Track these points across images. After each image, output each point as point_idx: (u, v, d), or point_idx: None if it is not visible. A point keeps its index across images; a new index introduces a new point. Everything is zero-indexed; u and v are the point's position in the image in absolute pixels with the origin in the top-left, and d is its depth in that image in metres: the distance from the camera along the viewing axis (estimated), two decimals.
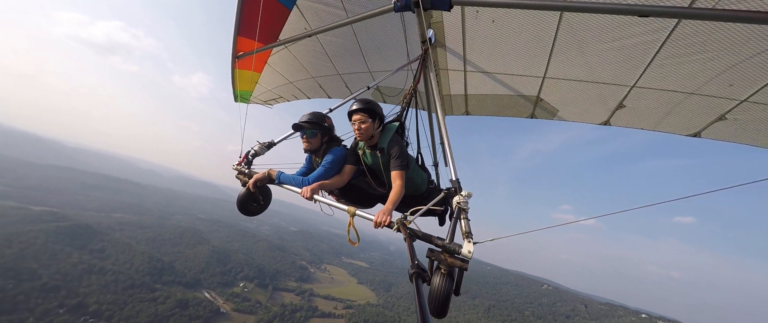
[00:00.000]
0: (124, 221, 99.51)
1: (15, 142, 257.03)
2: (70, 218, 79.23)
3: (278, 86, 6.46)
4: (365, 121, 2.95)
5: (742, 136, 3.32)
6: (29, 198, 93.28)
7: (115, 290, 59.40)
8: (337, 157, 3.22)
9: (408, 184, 3.00)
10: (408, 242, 2.02)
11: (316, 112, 3.36)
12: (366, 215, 2.46)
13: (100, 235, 76.59)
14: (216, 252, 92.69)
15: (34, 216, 73.79)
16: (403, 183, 2.82)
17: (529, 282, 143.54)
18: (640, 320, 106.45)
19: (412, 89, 3.70)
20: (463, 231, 2.04)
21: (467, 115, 5.36)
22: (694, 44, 2.61)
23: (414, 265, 1.68)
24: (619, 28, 2.77)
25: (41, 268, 55.46)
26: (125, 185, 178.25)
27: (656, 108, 3.52)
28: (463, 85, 4.62)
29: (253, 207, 3.38)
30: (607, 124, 4.12)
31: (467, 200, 2.29)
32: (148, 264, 72.38)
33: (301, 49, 5.13)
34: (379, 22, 3.91)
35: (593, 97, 3.77)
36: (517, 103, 4.49)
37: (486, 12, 3.22)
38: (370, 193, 3.66)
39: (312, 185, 2.83)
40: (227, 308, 72.49)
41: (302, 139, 3.38)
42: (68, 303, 51.64)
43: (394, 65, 4.28)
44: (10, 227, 63.49)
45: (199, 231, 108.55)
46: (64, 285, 54.60)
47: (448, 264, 1.91)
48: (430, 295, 1.91)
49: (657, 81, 3.15)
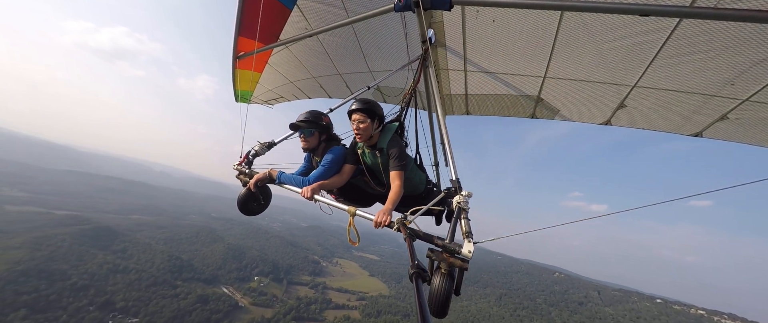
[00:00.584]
0: (142, 222, 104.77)
1: (32, 150, 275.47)
2: (91, 221, 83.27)
3: (279, 86, 6.46)
4: (364, 121, 2.95)
5: (744, 135, 3.31)
6: (52, 203, 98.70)
7: (139, 287, 62.40)
8: (336, 156, 3.22)
9: (406, 184, 3.00)
10: (408, 242, 2.02)
11: (313, 111, 3.36)
12: (366, 215, 2.46)
13: (121, 236, 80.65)
14: (231, 250, 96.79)
15: (58, 220, 78.82)
16: (402, 183, 2.83)
17: (540, 270, 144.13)
18: (654, 305, 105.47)
19: (412, 89, 3.70)
20: (463, 231, 2.04)
21: (467, 114, 5.35)
22: (695, 44, 2.60)
23: (414, 265, 1.68)
24: (619, 28, 2.77)
25: (70, 269, 59.03)
26: (139, 187, 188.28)
27: (657, 108, 3.51)
28: (463, 84, 4.61)
29: (254, 206, 3.38)
30: (608, 123, 4.10)
31: (467, 200, 2.28)
32: (168, 262, 76.04)
33: (301, 49, 5.13)
34: (380, 22, 3.91)
35: (594, 96, 3.76)
36: (517, 102, 4.48)
37: (486, 12, 3.21)
38: (368, 193, 3.66)
39: (312, 185, 2.84)
40: (245, 302, 75.60)
41: (300, 138, 3.38)
42: (97, 301, 54.83)
43: (395, 65, 4.28)
44: (37, 231, 67.47)
45: (214, 230, 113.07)
46: (92, 284, 57.94)
47: (449, 264, 1.90)
48: (430, 295, 1.90)
49: (658, 81, 3.14)
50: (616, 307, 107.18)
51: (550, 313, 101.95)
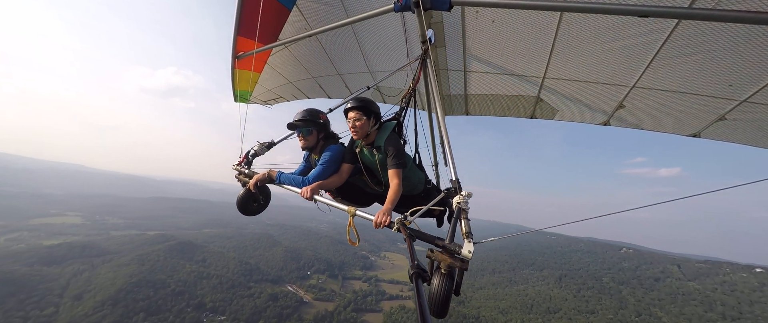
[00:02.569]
0: (213, 234, 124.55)
1: (121, 183, 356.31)
2: (175, 237, 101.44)
3: (278, 86, 6.45)
4: (360, 119, 2.96)
5: (741, 136, 3.33)
6: (143, 226, 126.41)
7: (222, 290, 74.97)
8: (334, 154, 3.22)
9: (405, 183, 3.00)
10: (408, 242, 2.03)
11: (310, 109, 3.37)
12: (365, 215, 2.46)
13: (200, 248, 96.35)
14: (289, 252, 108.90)
15: (151, 239, 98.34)
16: (401, 182, 2.82)
17: (603, 247, 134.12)
18: (753, 275, 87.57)
19: (412, 89, 3.70)
20: (463, 232, 2.04)
21: (467, 115, 5.36)
22: (694, 45, 2.61)
23: (414, 265, 1.68)
24: (619, 29, 2.77)
25: (167, 278, 72.74)
26: (205, 205, 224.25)
27: (656, 108, 3.52)
28: (463, 85, 4.62)
29: (253, 207, 3.38)
30: (607, 124, 4.12)
31: (467, 200, 2.28)
32: (240, 267, 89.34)
33: (301, 49, 5.13)
34: (380, 22, 3.91)
35: (593, 97, 3.77)
36: (517, 103, 4.49)
37: (486, 12, 3.22)
38: (367, 192, 3.66)
39: (312, 185, 2.83)
40: (309, 298, 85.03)
41: (298, 137, 3.39)
42: (192, 303, 67.66)
43: (394, 65, 4.28)
44: (138, 250, 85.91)
45: (272, 236, 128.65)
46: (185, 289, 71.17)
47: (449, 265, 1.91)
48: (430, 295, 1.91)
49: (657, 81, 3.15)
50: (703, 281, 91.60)
51: (620, 292, 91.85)
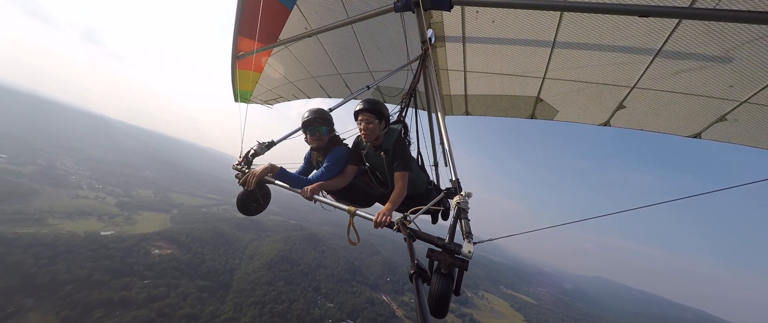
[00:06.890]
0: (331, 232, 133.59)
1: None
2: (306, 229, 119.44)
3: (278, 86, 6.45)
4: (371, 122, 2.97)
5: (742, 137, 3.32)
6: (288, 215, 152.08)
7: (333, 281, 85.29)
8: (339, 157, 3.22)
9: (410, 185, 3.01)
10: (408, 242, 2.03)
11: (319, 109, 3.35)
12: (366, 215, 2.46)
13: (322, 241, 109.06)
14: (387, 263, 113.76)
15: (292, 226, 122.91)
16: (406, 184, 2.84)
17: None
18: None
19: (412, 89, 3.70)
20: (463, 232, 2.04)
21: (467, 115, 5.36)
22: (694, 45, 2.60)
23: (414, 265, 1.69)
24: (619, 29, 2.77)
25: (299, 259, 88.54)
26: None
27: (656, 109, 3.52)
28: (463, 85, 4.62)
29: (253, 207, 3.37)
30: (607, 124, 4.11)
31: (467, 200, 2.29)
32: (347, 266, 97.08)
33: (301, 48, 5.13)
34: (380, 21, 3.91)
35: (593, 97, 3.76)
36: (517, 103, 4.49)
37: (486, 12, 3.22)
38: (368, 193, 3.66)
39: (312, 186, 2.83)
40: (400, 313, 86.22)
41: (312, 137, 3.33)
42: (312, 285, 79.30)
43: (395, 65, 4.28)
44: (283, 233, 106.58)
45: (373, 245, 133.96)
46: (309, 272, 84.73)
47: (448, 264, 1.91)
48: (429, 295, 1.91)
49: (657, 82, 3.14)
50: None
51: None
